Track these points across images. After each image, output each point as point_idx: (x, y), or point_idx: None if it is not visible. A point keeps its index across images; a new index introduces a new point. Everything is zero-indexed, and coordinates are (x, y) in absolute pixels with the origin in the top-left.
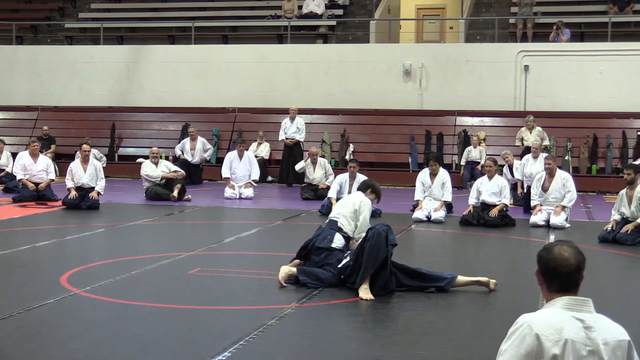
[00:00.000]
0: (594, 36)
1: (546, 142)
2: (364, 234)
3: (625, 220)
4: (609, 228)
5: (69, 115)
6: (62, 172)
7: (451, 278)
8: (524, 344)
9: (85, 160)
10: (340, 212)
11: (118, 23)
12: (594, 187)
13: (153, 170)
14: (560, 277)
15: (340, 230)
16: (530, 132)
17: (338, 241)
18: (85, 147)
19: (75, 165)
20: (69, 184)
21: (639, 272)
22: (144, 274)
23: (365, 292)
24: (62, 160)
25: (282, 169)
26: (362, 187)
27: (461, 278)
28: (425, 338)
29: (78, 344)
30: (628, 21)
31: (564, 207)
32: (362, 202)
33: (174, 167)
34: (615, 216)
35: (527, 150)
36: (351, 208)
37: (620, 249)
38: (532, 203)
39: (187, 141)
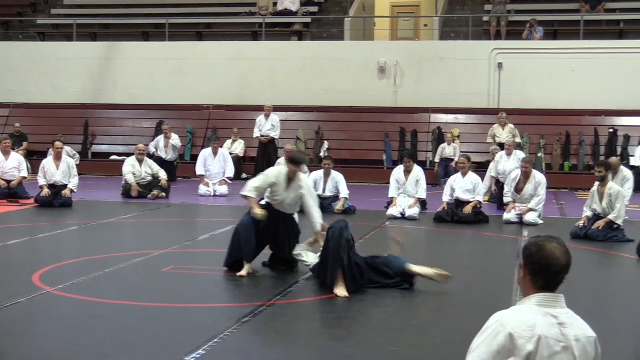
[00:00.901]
0: (566, 34)
1: (518, 140)
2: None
3: (597, 217)
4: (581, 224)
5: (41, 112)
6: (34, 169)
7: (401, 268)
8: (496, 342)
9: (58, 158)
10: None
11: (91, 20)
12: (566, 184)
13: (136, 170)
14: (549, 275)
15: None
16: (503, 129)
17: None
18: (57, 144)
19: (48, 163)
20: (42, 181)
21: (611, 268)
22: (117, 272)
23: (341, 290)
24: (34, 158)
25: (257, 166)
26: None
27: (413, 268)
28: (400, 335)
29: (51, 343)
30: (600, 19)
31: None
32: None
33: (157, 168)
34: (587, 213)
35: (500, 147)
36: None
37: (592, 245)
38: (505, 200)
39: (161, 139)
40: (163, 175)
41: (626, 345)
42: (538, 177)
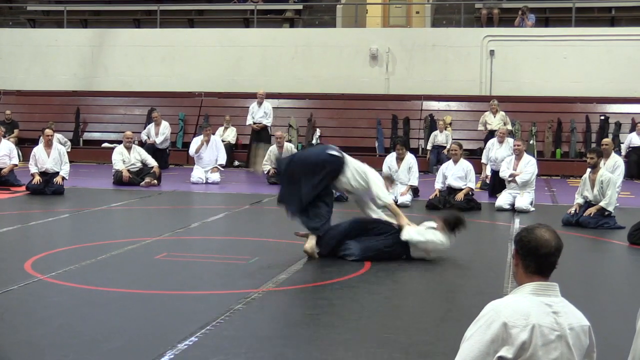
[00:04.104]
0: (558, 21)
1: (509, 127)
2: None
3: (588, 204)
4: (573, 211)
5: (32, 100)
6: (25, 157)
7: None
8: (490, 331)
9: (48, 145)
10: None
11: (82, 6)
12: (558, 171)
13: (125, 157)
14: (539, 257)
15: None
16: (494, 116)
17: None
18: (47, 131)
19: (39, 150)
20: (33, 169)
21: (602, 255)
22: (109, 260)
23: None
24: (25, 145)
25: (249, 153)
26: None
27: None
28: (392, 321)
29: (43, 330)
30: (591, 7)
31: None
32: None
33: (145, 155)
34: (579, 200)
35: (491, 134)
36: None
37: (583, 232)
38: (502, 174)
39: (152, 126)
40: (152, 162)
41: (617, 332)
42: (528, 158)
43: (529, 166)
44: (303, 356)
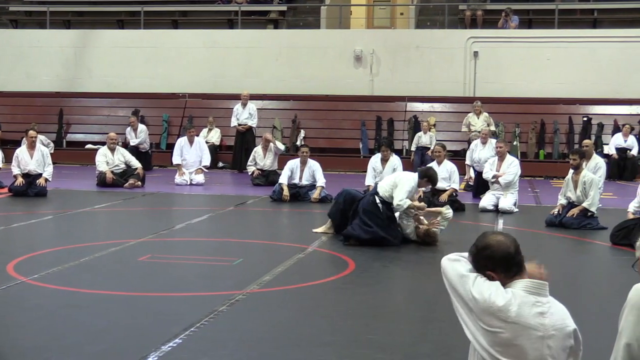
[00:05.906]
0: (541, 23)
1: (492, 128)
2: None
3: (571, 205)
4: (556, 212)
5: (14, 101)
6: (8, 158)
7: None
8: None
9: (31, 147)
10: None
11: (65, 7)
12: (541, 172)
13: (109, 158)
14: (508, 262)
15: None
16: (478, 118)
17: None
18: (31, 133)
19: (22, 152)
20: (15, 170)
21: (585, 256)
22: (93, 262)
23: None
24: (7, 147)
25: (234, 155)
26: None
27: None
28: (376, 322)
29: (25, 333)
30: (574, 8)
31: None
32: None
33: (129, 156)
34: (562, 200)
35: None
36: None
37: (566, 233)
38: (485, 175)
39: (130, 130)
40: (136, 164)
41: (600, 332)
42: (511, 159)
43: (511, 167)
44: (288, 358)
